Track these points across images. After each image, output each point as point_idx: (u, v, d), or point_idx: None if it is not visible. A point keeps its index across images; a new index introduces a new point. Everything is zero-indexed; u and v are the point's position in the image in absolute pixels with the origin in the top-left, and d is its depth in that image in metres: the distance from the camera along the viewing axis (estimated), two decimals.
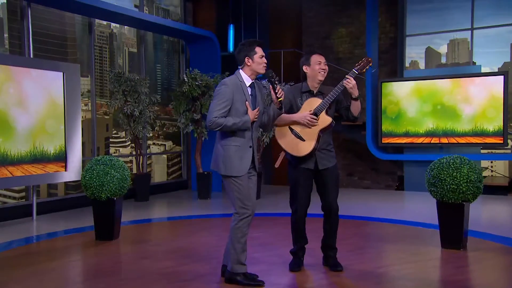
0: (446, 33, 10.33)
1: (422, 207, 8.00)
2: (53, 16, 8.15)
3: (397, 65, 10.71)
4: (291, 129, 4.32)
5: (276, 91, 3.95)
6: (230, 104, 3.85)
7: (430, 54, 10.62)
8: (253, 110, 3.95)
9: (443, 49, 10.50)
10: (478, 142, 9.22)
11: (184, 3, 10.88)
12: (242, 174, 3.88)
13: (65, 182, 8.03)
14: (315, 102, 4.26)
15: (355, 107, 4.29)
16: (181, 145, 10.83)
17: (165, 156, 10.50)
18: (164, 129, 10.51)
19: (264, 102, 4.15)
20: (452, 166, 5.07)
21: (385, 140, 9.91)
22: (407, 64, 10.71)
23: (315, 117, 4.22)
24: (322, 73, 4.31)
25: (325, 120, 4.23)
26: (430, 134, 9.58)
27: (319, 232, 4.59)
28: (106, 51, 9.13)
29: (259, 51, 3.96)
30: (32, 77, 6.95)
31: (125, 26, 9.50)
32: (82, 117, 8.60)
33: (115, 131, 9.31)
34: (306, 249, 4.61)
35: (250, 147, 3.96)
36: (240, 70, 3.99)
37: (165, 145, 10.47)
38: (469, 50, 10.14)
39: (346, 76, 4.20)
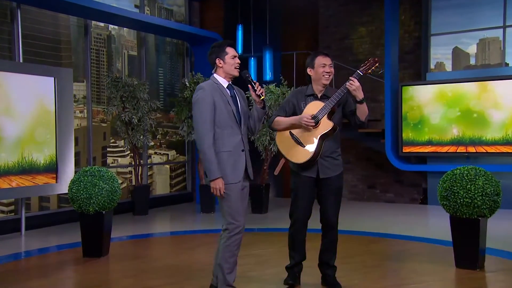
0: (475, 31, 10.18)
1: (442, 223, 7.83)
2: (45, 18, 8.29)
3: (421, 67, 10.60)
4: (291, 134, 4.34)
5: (256, 88, 3.95)
6: (213, 108, 3.86)
7: (458, 55, 10.48)
8: (235, 109, 3.96)
9: (472, 49, 10.35)
10: (509, 151, 9.03)
11: (189, 2, 10.97)
12: (237, 181, 3.88)
13: (58, 194, 8.11)
14: (318, 105, 4.27)
15: (361, 111, 4.25)
16: (185, 154, 10.86)
17: (168, 166, 10.55)
18: (167, 137, 10.56)
19: (246, 104, 4.15)
20: (466, 177, 4.97)
21: (406, 149, 9.78)
22: (432, 66, 10.58)
23: (310, 119, 4.22)
24: (327, 76, 4.31)
25: (326, 124, 4.22)
26: (455, 142, 9.43)
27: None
28: (103, 54, 9.24)
29: (230, 51, 3.99)
30: (20, 82, 7.06)
31: (124, 28, 9.60)
32: (78, 125, 8.71)
33: (113, 140, 9.40)
34: (303, 266, 4.57)
35: (243, 151, 3.97)
36: (214, 75, 4.03)
37: (167, 154, 10.52)
38: (500, 50, 9.96)
39: (349, 77, 4.19)
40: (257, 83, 3.97)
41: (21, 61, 7.67)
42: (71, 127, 7.73)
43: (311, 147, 4.23)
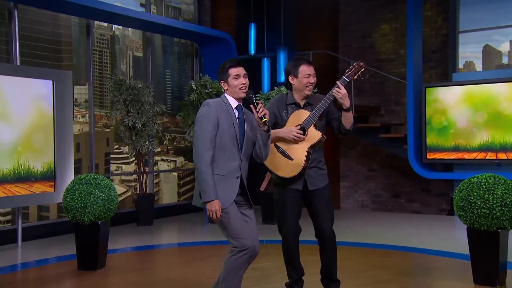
0: (508, 28, 10.04)
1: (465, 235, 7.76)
2: (44, 18, 8.43)
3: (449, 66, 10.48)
4: (277, 147, 4.34)
5: (258, 109, 3.91)
6: (216, 126, 3.85)
7: (489, 53, 10.33)
8: (240, 132, 3.94)
9: (504, 47, 10.20)
10: None
11: (198, 0, 11.04)
12: (225, 206, 3.83)
13: (58, 204, 8.20)
14: (303, 115, 4.28)
15: (347, 119, 4.29)
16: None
17: (175, 174, 10.60)
18: (175, 143, 10.62)
19: (253, 128, 4.11)
20: (483, 186, 4.89)
21: (431, 156, 9.66)
22: (461, 66, 10.45)
23: (301, 132, 4.24)
24: (310, 87, 4.32)
25: (314, 135, 4.25)
26: (484, 148, 9.28)
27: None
28: (106, 55, 9.35)
29: (232, 71, 3.95)
30: (17, 85, 7.17)
31: (129, 28, 9.70)
32: (79, 130, 8.82)
33: (116, 146, 9.49)
34: (304, 282, 4.55)
35: (238, 177, 3.91)
36: (225, 94, 4.02)
37: (175, 161, 10.57)
38: None
39: (336, 83, 4.18)
40: (260, 104, 3.92)
41: (18, 63, 7.81)
42: (71, 132, 7.82)
43: (300, 160, 4.24)
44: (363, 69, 4.23)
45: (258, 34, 10.89)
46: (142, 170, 9.08)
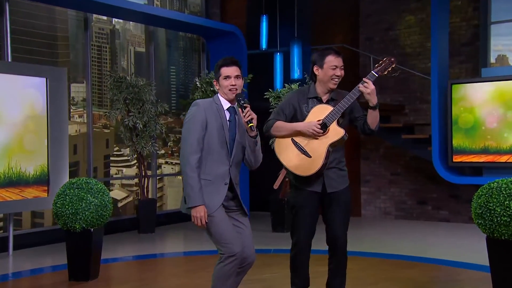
0: None
1: None
2: (38, 11, 8.51)
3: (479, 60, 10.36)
4: (295, 142, 4.32)
5: (245, 113, 3.91)
6: (204, 128, 3.90)
7: None
8: (230, 135, 3.97)
9: None
10: None
11: None
12: (211, 212, 3.86)
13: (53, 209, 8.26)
14: (325, 110, 4.26)
15: (373, 118, 4.24)
16: None
17: (180, 177, 10.62)
18: (180, 144, 10.66)
19: (245, 132, 4.10)
20: (504, 192, 4.79)
21: (457, 159, 9.53)
22: (492, 60, 10.32)
23: (320, 128, 4.21)
24: (335, 80, 4.29)
25: (336, 132, 4.21)
26: None
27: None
28: (106, 51, 9.42)
29: (223, 71, 4.01)
30: (7, 84, 7.24)
31: (130, 22, 9.75)
32: (76, 131, 8.88)
33: (117, 148, 9.55)
34: None
35: (226, 184, 3.94)
36: (218, 94, 4.08)
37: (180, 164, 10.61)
38: None
39: (363, 79, 4.15)
40: (248, 108, 3.93)
41: (9, 60, 7.88)
42: (66, 133, 7.88)
43: (319, 158, 4.21)
44: (393, 65, 4.21)
45: (270, 27, 10.88)
46: (143, 174, 9.11)
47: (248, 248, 3.95)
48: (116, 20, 9.63)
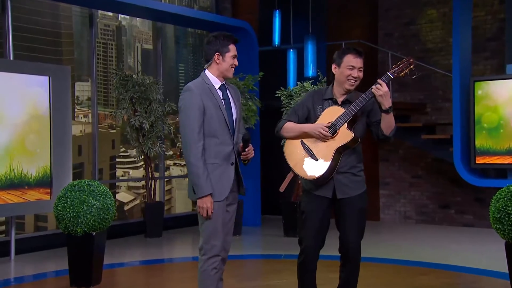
0: None
1: None
2: (42, 7, 8.60)
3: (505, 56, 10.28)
4: (303, 144, 4.34)
5: (247, 151, 4.07)
6: (202, 113, 3.96)
7: None
8: (228, 115, 4.05)
9: None
10: None
11: None
12: (221, 199, 3.97)
13: None
14: (337, 112, 4.26)
15: (386, 123, 4.21)
16: None
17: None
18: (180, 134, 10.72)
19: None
20: None
21: (480, 160, 9.46)
22: None
23: (328, 130, 4.21)
24: (352, 81, 4.28)
25: (345, 135, 4.21)
26: None
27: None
28: (112, 48, 9.50)
29: (233, 49, 4.08)
30: (9, 82, 7.32)
31: (137, 18, 9.82)
32: (81, 131, 8.97)
33: (123, 149, 9.61)
34: None
35: (232, 164, 4.05)
36: (206, 71, 4.12)
37: None
38: None
39: (377, 80, 4.14)
40: (250, 149, 4.07)
41: (11, 58, 7.98)
42: (69, 134, 7.95)
43: (325, 161, 4.23)
44: (411, 66, 4.18)
45: (283, 22, 10.88)
46: (150, 176, 9.18)
47: (227, 246, 4.12)
48: (122, 16, 9.71)
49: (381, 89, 4.08)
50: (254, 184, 10.11)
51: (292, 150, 4.38)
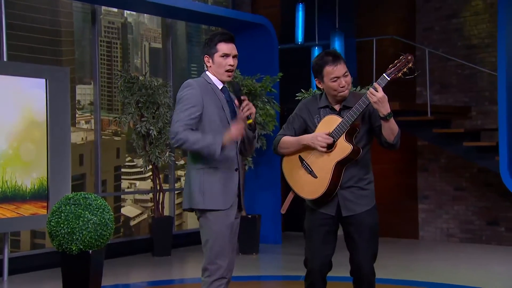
0: None
1: None
2: (39, 3, 8.74)
3: None
4: (302, 160, 4.37)
5: (242, 107, 4.04)
6: (200, 110, 4.03)
7: None
8: (232, 118, 4.11)
9: None
10: None
11: None
12: (227, 207, 4.04)
13: None
14: (334, 121, 4.28)
15: (387, 130, 4.21)
16: None
17: None
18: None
19: None
20: None
21: None
22: None
23: (326, 136, 4.23)
24: (342, 92, 4.29)
25: (342, 148, 4.23)
26: None
27: None
28: (117, 48, 9.59)
29: (221, 48, 4.13)
30: (1, 85, 7.42)
31: (145, 14, 9.91)
32: (82, 138, 9.08)
33: (129, 158, 9.70)
34: None
35: (236, 170, 4.13)
36: (207, 71, 4.22)
37: None
38: None
39: (373, 84, 4.17)
40: (246, 100, 4.06)
41: (5, 59, 8.11)
42: (68, 142, 8.05)
43: (325, 178, 4.25)
44: (410, 64, 4.16)
45: (307, 17, 10.92)
46: (158, 188, 9.27)
47: (232, 266, 4.18)
48: (128, 12, 9.80)
49: (375, 95, 4.07)
50: (274, 196, 10.15)
51: (291, 168, 4.42)
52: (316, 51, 10.64)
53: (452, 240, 10.99)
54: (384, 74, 4.15)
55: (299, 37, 10.84)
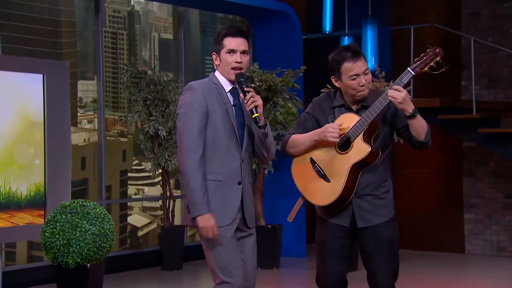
0: None
1: None
2: None
3: None
4: (313, 163, 4.41)
5: (246, 100, 4.05)
6: (205, 116, 4.06)
7: None
8: (239, 124, 4.14)
9: None
10: None
11: None
12: (225, 224, 4.06)
13: None
14: (351, 120, 4.30)
15: (415, 129, 4.23)
16: None
17: None
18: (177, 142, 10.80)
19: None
20: None
21: None
22: None
23: (338, 127, 4.25)
24: (361, 92, 4.31)
25: (361, 149, 4.26)
26: None
27: None
28: (123, 39, 9.65)
29: (227, 43, 4.14)
30: None
31: (154, 1, 10.00)
32: (85, 140, 9.16)
33: (136, 161, 9.76)
34: None
35: (239, 183, 4.14)
36: (216, 71, 4.24)
37: None
38: None
39: (391, 84, 4.22)
40: (251, 92, 4.07)
41: None
42: (68, 144, 8.11)
43: (338, 183, 4.27)
44: (438, 58, 4.19)
45: (336, 4, 10.92)
46: (168, 194, 9.32)
47: (250, 282, 4.16)
48: None
49: (398, 96, 4.09)
50: (298, 213, 10.11)
51: (301, 171, 4.44)
52: (345, 42, 10.62)
53: (503, 255, 10.97)
54: (408, 68, 4.20)
55: (327, 26, 10.79)
